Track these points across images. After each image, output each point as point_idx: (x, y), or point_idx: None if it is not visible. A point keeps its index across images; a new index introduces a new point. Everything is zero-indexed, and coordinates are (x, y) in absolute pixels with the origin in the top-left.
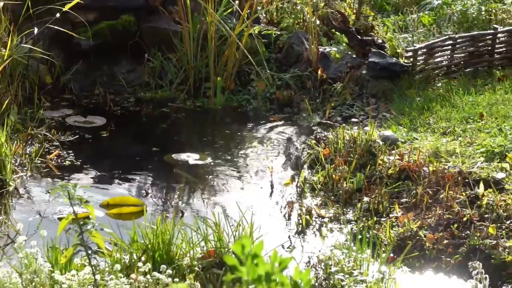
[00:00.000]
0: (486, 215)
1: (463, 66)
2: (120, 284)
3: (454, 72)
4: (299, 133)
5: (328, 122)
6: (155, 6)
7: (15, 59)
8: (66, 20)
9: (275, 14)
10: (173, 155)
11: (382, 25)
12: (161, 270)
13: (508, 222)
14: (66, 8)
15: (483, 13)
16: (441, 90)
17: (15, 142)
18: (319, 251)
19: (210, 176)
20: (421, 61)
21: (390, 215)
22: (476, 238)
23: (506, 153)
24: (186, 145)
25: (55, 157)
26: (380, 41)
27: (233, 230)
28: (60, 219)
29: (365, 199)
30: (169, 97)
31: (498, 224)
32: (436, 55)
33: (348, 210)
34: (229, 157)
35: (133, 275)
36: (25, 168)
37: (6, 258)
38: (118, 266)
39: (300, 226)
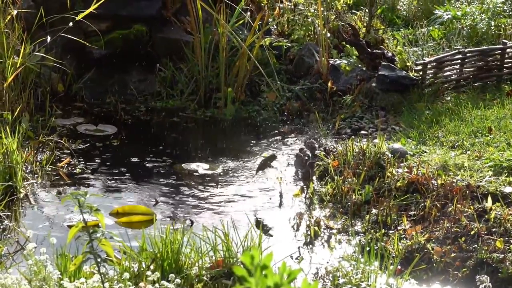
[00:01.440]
0: (494, 229)
1: (472, 80)
2: None
3: (463, 86)
4: (309, 144)
5: (338, 134)
6: (168, 16)
7: (27, 67)
8: (79, 29)
9: (286, 26)
10: (183, 165)
11: (392, 38)
12: (169, 279)
13: None
14: (79, 17)
15: (492, 28)
16: (450, 104)
17: (26, 149)
18: (327, 262)
19: (220, 186)
20: (430, 75)
21: (398, 228)
22: (483, 251)
23: None
24: (196, 155)
25: (66, 165)
26: (390, 54)
27: (242, 240)
28: (70, 226)
29: (374, 211)
30: (180, 106)
31: (506, 238)
32: (446, 69)
33: (357, 222)
34: (239, 167)
35: (141, 284)
36: (36, 176)
37: (16, 264)
38: (127, 275)
39: (309, 237)
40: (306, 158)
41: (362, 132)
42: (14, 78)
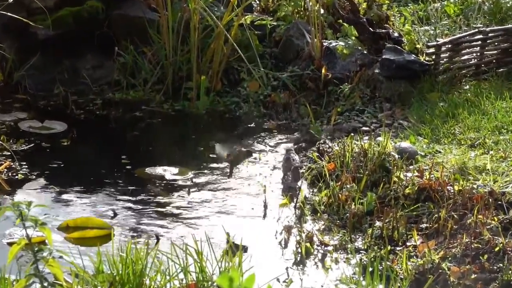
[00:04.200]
0: None
1: (495, 66)
2: None
3: (484, 73)
4: (299, 143)
5: (334, 130)
6: None
7: None
8: (21, 5)
9: (271, 1)
10: (146, 169)
11: (399, 15)
12: None
13: None
14: None
15: None
16: (468, 94)
17: None
18: (322, 286)
19: (191, 194)
20: (445, 59)
21: (407, 244)
22: (510, 271)
23: None
24: (162, 157)
25: (6, 170)
26: (396, 34)
27: (218, 260)
28: (10, 244)
29: (377, 223)
30: (143, 99)
31: None
32: (463, 52)
33: (357, 236)
34: (215, 172)
35: None
36: None
37: None
38: None
39: (299, 255)
40: (293, 160)
41: (363, 128)
42: None
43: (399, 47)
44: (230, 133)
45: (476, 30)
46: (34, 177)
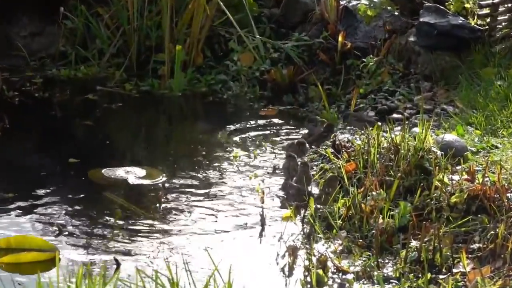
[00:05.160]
0: None
1: None
2: None
3: None
4: (307, 136)
5: (354, 119)
6: None
7: None
8: None
9: None
10: (103, 170)
11: None
12: None
13: None
14: None
15: None
16: None
17: None
18: None
19: (164, 205)
20: (503, 23)
21: (454, 270)
22: None
23: None
24: (124, 155)
25: None
26: None
27: None
28: None
29: (413, 243)
30: (98, 76)
31: None
32: None
33: (386, 261)
34: (195, 175)
35: None
36: None
37: None
38: None
39: (309, 286)
40: (300, 159)
41: (394, 115)
42: None
43: (442, 7)
44: (214, 122)
45: None
46: None
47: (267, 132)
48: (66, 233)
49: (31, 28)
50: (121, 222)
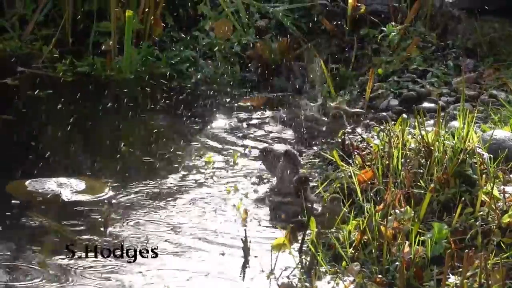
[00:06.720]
0: None
1: None
2: None
3: None
4: (304, 133)
5: (371, 108)
6: None
7: None
8: None
9: None
10: (27, 182)
11: None
12: None
13: None
14: None
15: None
16: None
17: None
18: None
19: (110, 229)
20: None
21: None
22: None
23: None
24: (56, 162)
25: None
26: None
27: None
28: None
29: (452, 279)
30: (20, 53)
31: None
32: None
33: None
34: (151, 188)
35: None
36: None
37: None
38: None
39: None
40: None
41: (425, 104)
42: None
43: None
44: (179, 116)
45: None
46: None
47: (250, 129)
48: None
49: None
50: (48, 256)
